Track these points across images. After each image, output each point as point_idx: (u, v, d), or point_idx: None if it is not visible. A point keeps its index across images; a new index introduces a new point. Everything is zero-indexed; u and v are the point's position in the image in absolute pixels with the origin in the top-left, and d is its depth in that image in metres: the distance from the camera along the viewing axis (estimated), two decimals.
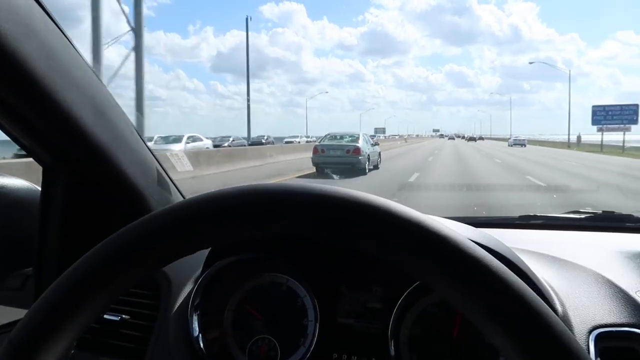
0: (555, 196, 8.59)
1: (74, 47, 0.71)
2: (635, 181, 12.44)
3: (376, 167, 14.65)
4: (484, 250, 0.39)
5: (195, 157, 12.80)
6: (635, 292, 0.76)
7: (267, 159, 17.34)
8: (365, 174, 12.98)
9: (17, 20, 0.58)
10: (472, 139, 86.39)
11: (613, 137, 35.81)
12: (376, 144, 16.17)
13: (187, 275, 0.87)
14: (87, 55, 0.75)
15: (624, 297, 0.75)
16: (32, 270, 0.88)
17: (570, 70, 42.82)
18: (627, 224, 1.28)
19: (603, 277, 0.81)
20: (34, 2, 0.62)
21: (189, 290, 0.83)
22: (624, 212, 1.37)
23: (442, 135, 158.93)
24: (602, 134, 35.06)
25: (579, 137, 43.06)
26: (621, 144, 33.22)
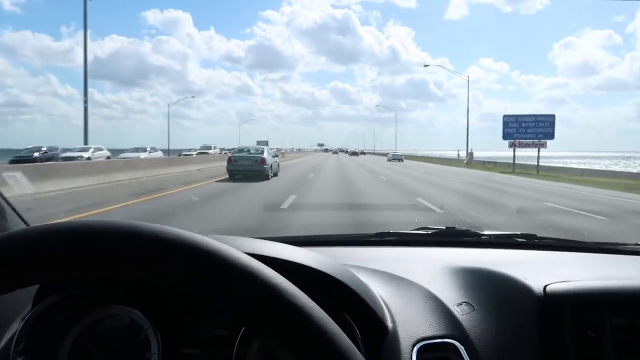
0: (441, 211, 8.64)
1: None
2: None
3: (276, 174, 18.21)
4: (268, 269, 0.43)
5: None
6: (453, 305, 0.85)
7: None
8: (268, 179, 16.34)
9: None
10: (354, 153, 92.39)
11: (525, 152, 29.63)
12: (276, 155, 20.86)
13: (13, 313, 0.79)
14: None
15: (444, 311, 0.84)
16: None
17: (468, 77, 39.42)
18: (465, 239, 1.44)
19: (429, 291, 0.89)
20: None
21: (14, 331, 0.76)
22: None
23: (326, 150, 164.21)
24: (515, 151, 28.37)
25: (471, 153, 38.79)
26: (520, 162, 29.00)
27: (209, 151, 39.87)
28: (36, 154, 24.27)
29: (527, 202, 11.11)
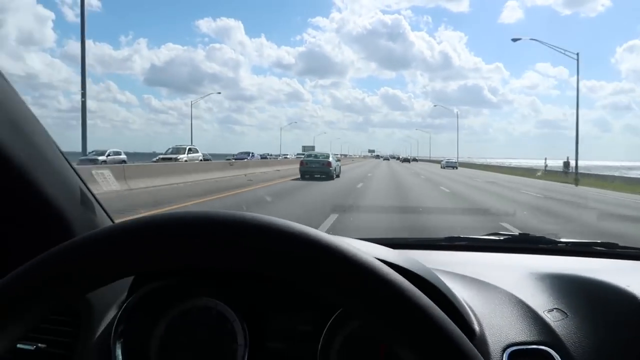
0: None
1: None
2: None
3: (338, 176, 21.92)
4: (391, 270, 0.42)
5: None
6: (544, 312, 0.82)
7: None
8: (333, 179, 20.09)
9: None
10: (406, 160, 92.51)
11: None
12: (339, 160, 26.04)
13: (111, 300, 0.83)
14: (5, 60, 0.69)
15: (534, 317, 0.81)
16: None
17: (578, 54, 27.55)
18: (540, 245, 1.39)
19: (516, 297, 0.86)
20: None
21: (112, 316, 0.80)
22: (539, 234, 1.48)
23: (377, 156, 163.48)
24: None
25: (568, 163, 29.32)
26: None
27: (181, 157, 27.19)
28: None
29: None
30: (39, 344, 0.78)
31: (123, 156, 29.01)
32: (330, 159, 21.15)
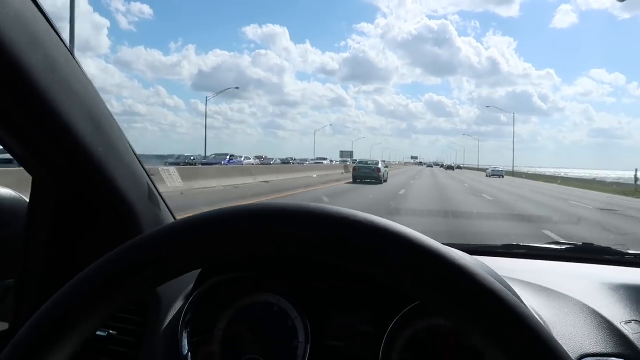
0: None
1: (75, 60, 0.71)
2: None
3: (386, 180, 24.48)
4: (493, 279, 0.40)
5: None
6: (620, 323, 0.78)
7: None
8: (382, 183, 22.65)
9: (23, 30, 0.58)
10: (450, 167, 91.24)
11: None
12: (387, 166, 29.41)
13: (178, 292, 0.86)
14: None
15: (610, 328, 0.76)
16: (13, 282, 0.86)
17: None
18: (606, 257, 1.32)
19: (588, 307, 0.82)
20: (39, 14, 0.62)
21: (179, 307, 0.82)
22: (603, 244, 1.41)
23: (420, 163, 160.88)
24: None
25: None
26: None
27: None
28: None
29: None
30: (111, 331, 0.81)
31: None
32: (380, 166, 24.07)
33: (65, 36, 0.73)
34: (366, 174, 22.99)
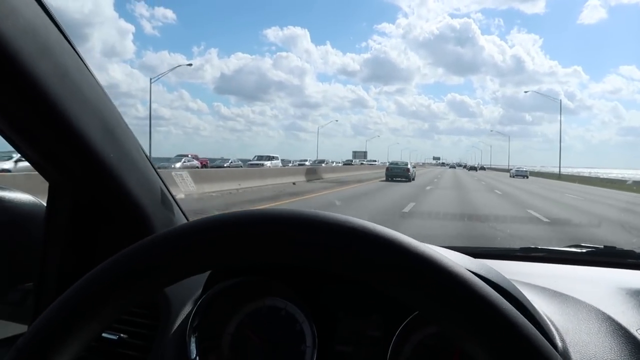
0: None
1: (87, 66, 0.73)
2: None
3: (414, 179, 28.49)
4: (482, 282, 0.40)
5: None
6: (636, 330, 0.75)
7: None
8: (410, 181, 26.30)
9: (34, 39, 0.60)
10: (472, 168, 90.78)
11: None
12: (414, 167, 35.12)
13: (187, 296, 0.87)
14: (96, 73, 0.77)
15: (625, 335, 0.74)
16: (32, 285, 0.88)
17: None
18: (629, 260, 1.28)
19: (604, 313, 0.80)
20: (51, 23, 0.64)
21: (188, 311, 0.83)
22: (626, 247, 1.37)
23: (443, 164, 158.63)
24: None
25: None
26: None
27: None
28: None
29: None
30: (121, 334, 0.83)
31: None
32: (409, 166, 29.00)
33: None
34: (397, 173, 27.50)
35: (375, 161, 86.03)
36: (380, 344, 0.77)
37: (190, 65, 49.81)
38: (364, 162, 73.40)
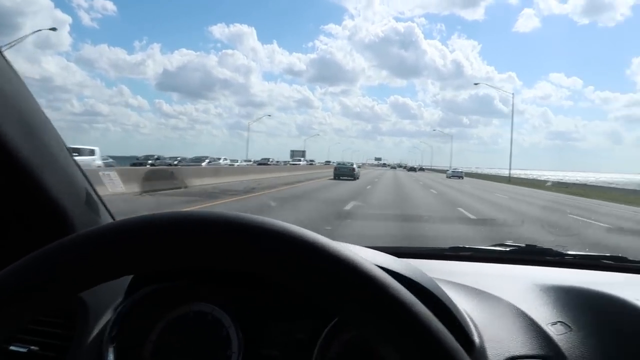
0: None
1: (5, 59, 0.68)
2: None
3: (358, 177, 31.10)
4: (395, 282, 0.41)
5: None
6: (547, 325, 0.80)
7: None
8: (354, 180, 28.59)
9: None
10: (412, 169, 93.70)
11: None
12: (359, 167, 39.38)
13: (107, 302, 0.82)
14: (22, 63, 0.71)
15: (536, 329, 0.79)
16: None
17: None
18: (547, 258, 1.37)
19: (519, 309, 0.85)
20: None
21: (108, 319, 0.79)
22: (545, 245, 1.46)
23: (384, 165, 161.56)
24: None
25: None
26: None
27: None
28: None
29: None
30: (32, 347, 0.77)
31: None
32: (354, 166, 31.65)
33: None
34: (344, 172, 29.99)
35: (312, 161, 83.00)
36: (307, 347, 0.77)
37: (54, 29, 46.31)
38: (301, 162, 63.39)
